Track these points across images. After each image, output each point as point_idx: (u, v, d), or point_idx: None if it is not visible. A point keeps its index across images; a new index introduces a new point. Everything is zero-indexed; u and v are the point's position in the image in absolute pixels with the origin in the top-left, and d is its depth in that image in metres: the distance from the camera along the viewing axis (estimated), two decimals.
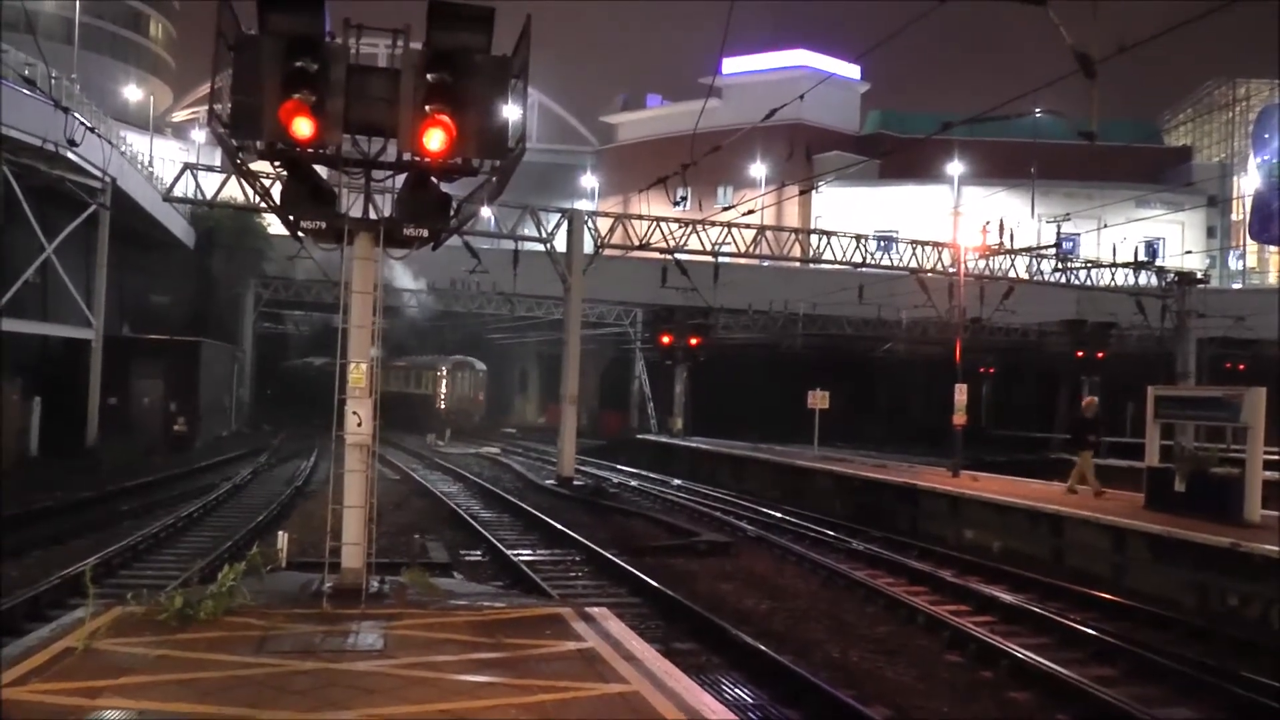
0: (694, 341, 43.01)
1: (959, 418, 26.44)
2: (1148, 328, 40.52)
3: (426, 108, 8.95)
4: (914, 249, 37.46)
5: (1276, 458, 24.19)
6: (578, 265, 32.26)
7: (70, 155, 27.86)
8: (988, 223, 37.02)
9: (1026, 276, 38.93)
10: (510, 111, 9.54)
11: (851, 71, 79.66)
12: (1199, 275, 41.46)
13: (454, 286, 50.65)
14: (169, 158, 52.03)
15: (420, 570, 10.83)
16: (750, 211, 29.69)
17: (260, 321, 57.86)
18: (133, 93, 71.98)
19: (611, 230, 33.97)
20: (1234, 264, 78.87)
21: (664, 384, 52.42)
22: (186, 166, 31.31)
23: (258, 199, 11.77)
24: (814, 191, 62.60)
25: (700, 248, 34.90)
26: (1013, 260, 38.36)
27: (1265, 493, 17.40)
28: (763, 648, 11.12)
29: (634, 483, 32.48)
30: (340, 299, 9.75)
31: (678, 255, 34.44)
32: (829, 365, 46.08)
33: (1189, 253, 56.80)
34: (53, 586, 12.78)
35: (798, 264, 41.61)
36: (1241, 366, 45.67)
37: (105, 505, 21.64)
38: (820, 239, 38.24)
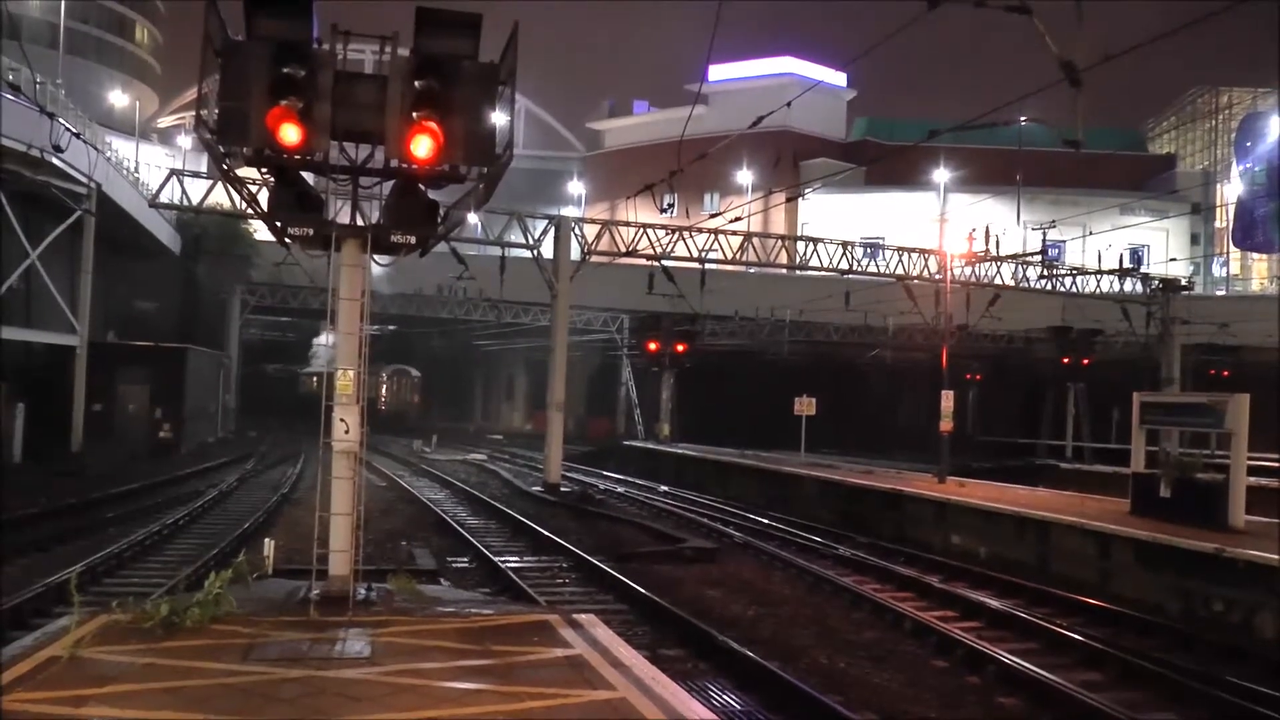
0: (680, 348, 43.04)
1: (945, 424, 26.50)
2: (1133, 334, 40.74)
3: (414, 114, 8.94)
4: (900, 256, 37.55)
5: (1260, 463, 24.35)
6: (564, 272, 32.26)
7: (55, 161, 27.72)
8: (974, 229, 37.19)
9: (1012, 283, 39.06)
10: (498, 118, 9.55)
11: (838, 79, 79.89)
12: (1183, 282, 41.71)
13: (441, 293, 50.60)
14: (155, 163, 51.84)
15: (407, 577, 10.81)
16: (737, 218, 29.73)
17: (246, 328, 57.73)
18: (118, 98, 71.67)
19: (598, 237, 33.98)
20: (1218, 271, 79.30)
21: (651, 390, 52.47)
22: (173, 172, 31.21)
23: (244, 205, 11.76)
24: (800, 198, 62.69)
25: (687, 254, 34.90)
26: (999, 267, 38.51)
27: (1249, 498, 17.50)
28: (750, 654, 11.13)
29: (620, 489, 32.47)
30: (327, 305, 9.73)
31: (664, 262, 34.46)
32: (815, 372, 46.19)
33: (1173, 260, 57.22)
34: (37, 594, 12.70)
35: (784, 270, 41.60)
36: (1225, 373, 45.96)
37: (90, 512, 21.50)
38: (807, 246, 38.32)
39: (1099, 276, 40.59)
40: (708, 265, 35.56)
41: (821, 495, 27.03)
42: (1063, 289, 40.71)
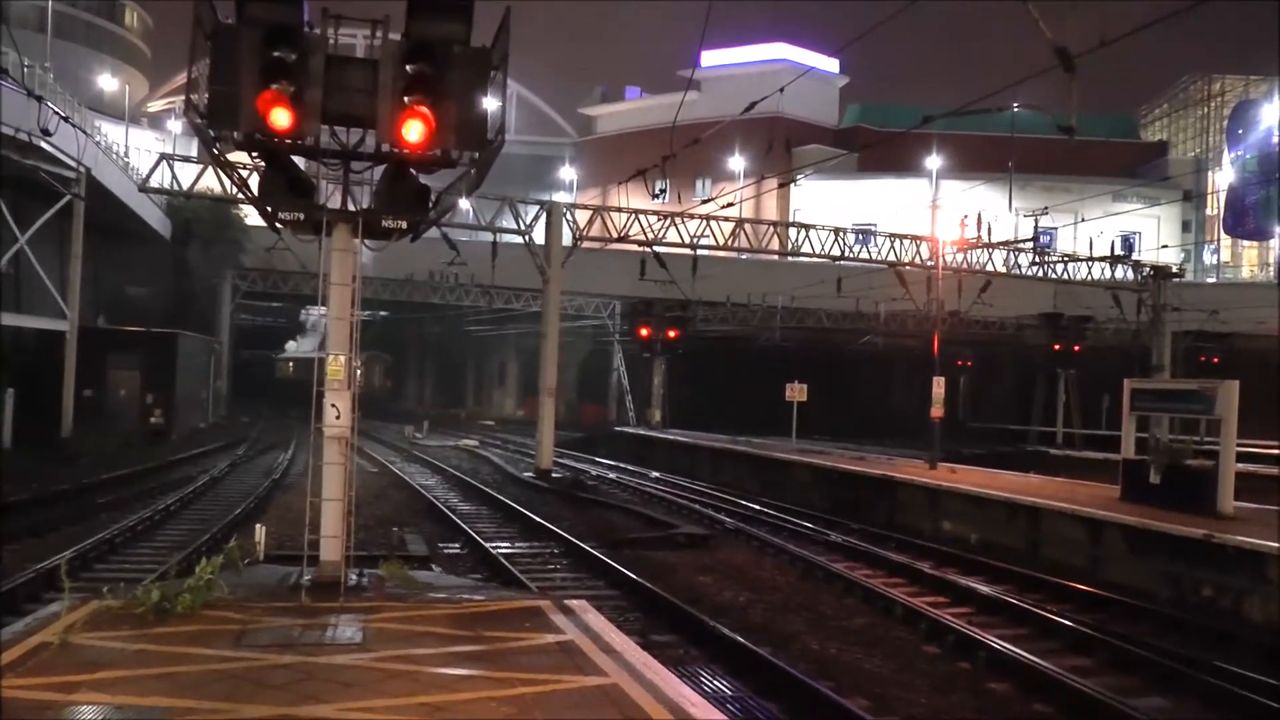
0: (672, 334, 42.97)
1: (936, 410, 26.52)
2: (1124, 321, 40.81)
3: (405, 99, 8.92)
4: (892, 242, 37.53)
5: (1249, 450, 24.43)
6: (556, 257, 32.21)
7: (44, 145, 27.57)
8: (966, 216, 37.18)
9: (1004, 270, 39.07)
10: (489, 103, 9.51)
11: (831, 65, 79.58)
12: (1174, 269, 41.78)
13: (432, 279, 50.47)
14: (145, 148, 51.54)
15: (399, 563, 10.81)
16: (729, 204, 29.67)
17: (237, 313, 57.60)
18: (108, 82, 71.16)
19: (590, 223, 33.89)
20: (1209, 258, 79.37)
21: (642, 376, 52.45)
22: (163, 157, 31.00)
23: (235, 190, 11.70)
24: (793, 184, 62.74)
25: (679, 240, 34.86)
26: (990, 254, 38.51)
27: (1238, 484, 17.59)
28: (741, 640, 11.15)
29: (612, 475, 32.49)
30: (319, 291, 9.70)
31: (656, 248, 34.40)
32: (807, 358, 46.18)
33: (1165, 247, 57.38)
34: (27, 580, 12.68)
35: (776, 257, 41.55)
36: (1215, 360, 46.05)
37: (81, 498, 21.46)
38: (799, 232, 38.25)
39: (1090, 263, 40.61)
40: (700, 251, 35.50)
41: (813, 481, 27.08)
42: (1054, 276, 40.75)
